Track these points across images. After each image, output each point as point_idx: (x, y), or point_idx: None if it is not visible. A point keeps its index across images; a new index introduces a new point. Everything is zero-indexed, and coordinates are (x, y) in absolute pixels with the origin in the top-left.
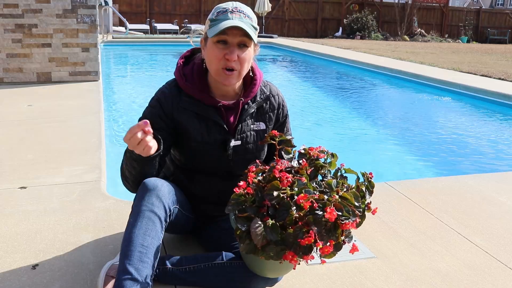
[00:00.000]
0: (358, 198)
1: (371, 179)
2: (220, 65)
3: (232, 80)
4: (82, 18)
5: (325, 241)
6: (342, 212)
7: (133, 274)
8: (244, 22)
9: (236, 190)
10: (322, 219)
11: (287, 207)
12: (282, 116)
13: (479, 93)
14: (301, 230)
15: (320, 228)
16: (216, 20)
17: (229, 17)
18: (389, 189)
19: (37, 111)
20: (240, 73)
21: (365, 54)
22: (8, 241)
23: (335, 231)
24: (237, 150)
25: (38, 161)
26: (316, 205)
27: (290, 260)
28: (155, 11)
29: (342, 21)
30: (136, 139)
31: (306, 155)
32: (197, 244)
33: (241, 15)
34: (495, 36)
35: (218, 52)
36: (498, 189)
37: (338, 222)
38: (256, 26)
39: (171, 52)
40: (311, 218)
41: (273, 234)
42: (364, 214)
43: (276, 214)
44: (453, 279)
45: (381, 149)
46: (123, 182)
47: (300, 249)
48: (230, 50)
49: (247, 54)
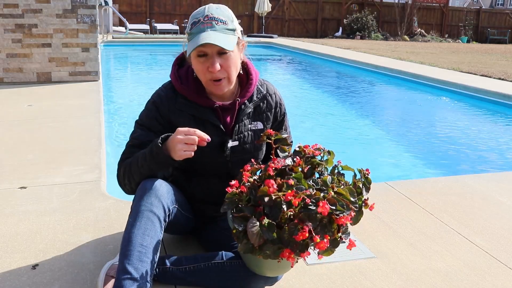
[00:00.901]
0: (354, 193)
1: (367, 175)
2: (207, 77)
3: (223, 88)
4: (82, 18)
5: (321, 236)
6: (336, 206)
7: (132, 274)
8: (217, 31)
9: (228, 190)
10: (316, 214)
11: (279, 206)
12: (280, 115)
13: (479, 93)
14: (296, 227)
15: (315, 224)
16: (191, 34)
17: (202, 29)
18: (389, 189)
19: (37, 111)
20: (229, 79)
21: (365, 54)
22: (8, 241)
23: (331, 226)
24: (235, 151)
25: (38, 161)
26: (309, 200)
27: (287, 257)
28: (155, 11)
29: (342, 21)
30: (193, 139)
31: (301, 153)
32: (197, 244)
33: (213, 22)
34: (495, 36)
35: (201, 66)
36: (498, 189)
37: (333, 216)
38: (232, 26)
39: (171, 52)
40: (304, 214)
41: (269, 233)
42: (362, 210)
43: (270, 213)
44: (453, 279)
45: (381, 149)
46: (122, 184)
47: (297, 246)
48: (210, 63)
49: (230, 60)
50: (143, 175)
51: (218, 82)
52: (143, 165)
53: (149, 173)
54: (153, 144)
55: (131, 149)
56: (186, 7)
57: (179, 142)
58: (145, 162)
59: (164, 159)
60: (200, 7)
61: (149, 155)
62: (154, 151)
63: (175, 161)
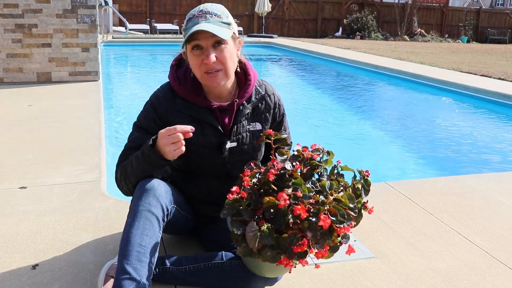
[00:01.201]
0: (353, 199)
1: (367, 177)
2: (202, 70)
3: (219, 81)
4: (82, 18)
5: (320, 246)
6: (337, 217)
7: (131, 274)
8: (211, 23)
9: (229, 197)
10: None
11: (284, 214)
12: (279, 115)
13: (479, 93)
14: (295, 236)
15: (315, 233)
16: (186, 28)
17: (196, 22)
18: (389, 189)
19: (37, 111)
20: (226, 72)
21: (365, 54)
22: (8, 241)
23: (330, 235)
24: (233, 152)
25: (38, 161)
26: (312, 209)
27: (285, 265)
28: (155, 11)
29: (342, 21)
30: (176, 137)
31: (300, 157)
32: (197, 244)
33: (208, 15)
34: (495, 36)
35: (196, 59)
36: (498, 189)
37: (334, 226)
38: (227, 20)
39: (171, 52)
40: (306, 224)
41: (268, 238)
42: (361, 213)
43: (272, 220)
44: (453, 279)
45: (381, 149)
46: (120, 186)
47: (295, 254)
48: (205, 55)
49: (226, 51)
50: (139, 177)
51: (213, 74)
52: (137, 166)
53: (144, 175)
54: (145, 146)
55: (128, 151)
56: (186, 7)
57: (165, 145)
58: (138, 164)
59: (156, 160)
60: None
61: (141, 157)
62: (146, 153)
63: (167, 161)
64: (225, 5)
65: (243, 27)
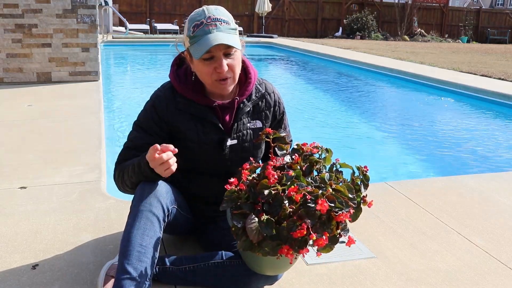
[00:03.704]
0: (352, 190)
1: (366, 172)
2: (213, 78)
3: (228, 88)
4: (82, 18)
5: (319, 233)
6: (335, 204)
7: (131, 274)
8: (222, 31)
9: (227, 187)
10: (315, 211)
11: (280, 202)
12: (279, 113)
13: (479, 93)
14: (294, 223)
15: (314, 221)
16: (195, 37)
17: (207, 30)
18: (389, 189)
19: (37, 111)
20: (234, 78)
21: (365, 54)
22: (8, 241)
23: (330, 223)
24: (234, 149)
25: (38, 161)
26: (309, 197)
27: (286, 254)
28: (155, 11)
29: (342, 21)
30: (160, 159)
31: (299, 151)
32: (197, 244)
33: (217, 23)
34: (495, 36)
35: (208, 68)
36: (498, 189)
37: (332, 214)
38: (234, 26)
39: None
40: (304, 211)
41: (268, 228)
42: (360, 207)
43: (270, 209)
44: (453, 279)
45: (381, 149)
46: (118, 186)
47: (295, 242)
48: (218, 64)
49: (236, 59)
50: (134, 184)
51: (224, 81)
52: (133, 176)
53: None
54: (142, 162)
55: (127, 151)
56: (186, 7)
57: (155, 167)
58: (134, 174)
59: (152, 177)
60: (200, 7)
61: (137, 169)
62: (142, 167)
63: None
64: (225, 5)
65: (243, 27)
